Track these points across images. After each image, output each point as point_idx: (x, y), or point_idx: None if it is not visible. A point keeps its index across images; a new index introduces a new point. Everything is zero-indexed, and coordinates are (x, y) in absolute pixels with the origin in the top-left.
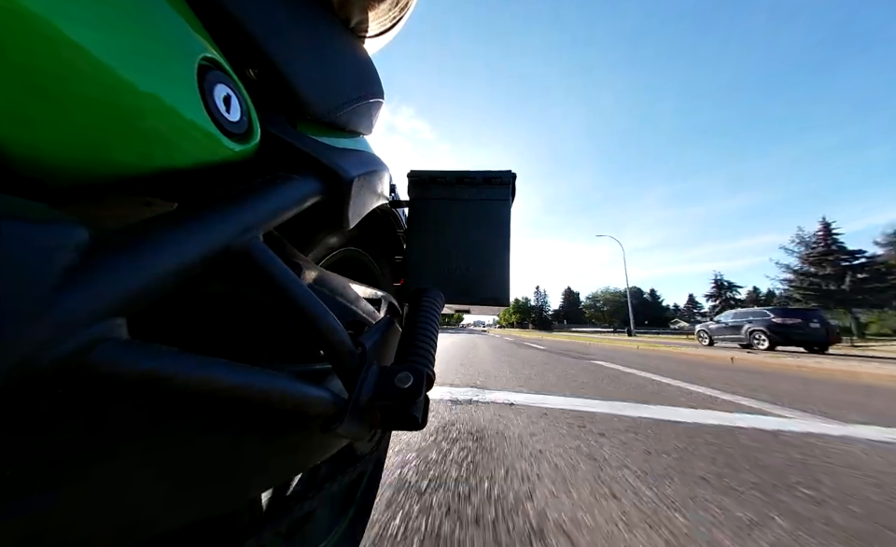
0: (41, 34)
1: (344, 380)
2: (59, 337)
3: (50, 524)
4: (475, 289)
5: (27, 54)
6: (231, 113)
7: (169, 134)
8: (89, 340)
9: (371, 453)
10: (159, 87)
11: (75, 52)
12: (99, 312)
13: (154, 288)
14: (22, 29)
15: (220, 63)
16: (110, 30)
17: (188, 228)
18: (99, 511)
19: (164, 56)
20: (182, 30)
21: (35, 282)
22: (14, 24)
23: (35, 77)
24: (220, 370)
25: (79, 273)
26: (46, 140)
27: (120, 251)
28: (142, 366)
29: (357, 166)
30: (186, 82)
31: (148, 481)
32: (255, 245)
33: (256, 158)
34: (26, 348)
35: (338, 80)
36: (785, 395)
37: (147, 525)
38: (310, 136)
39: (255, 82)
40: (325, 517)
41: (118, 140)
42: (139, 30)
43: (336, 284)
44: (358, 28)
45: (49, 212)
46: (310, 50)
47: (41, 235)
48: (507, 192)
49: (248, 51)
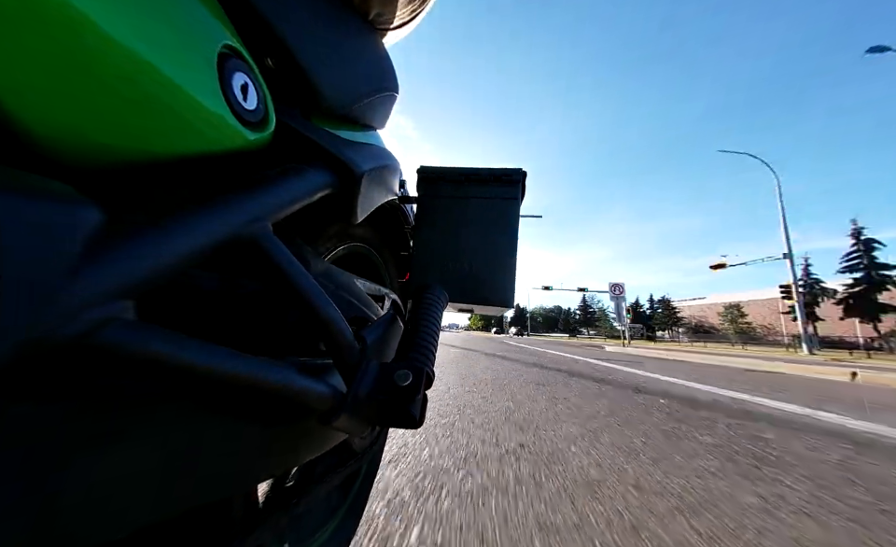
0: (64, 16)
1: (344, 374)
2: (70, 315)
3: (59, 499)
4: (479, 290)
5: (50, 36)
6: (248, 101)
7: (186, 118)
8: (99, 319)
9: (367, 449)
10: (179, 72)
11: (96, 36)
12: (109, 293)
13: (164, 272)
14: (45, 12)
15: (240, 52)
16: (133, 14)
17: (199, 214)
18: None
19: (185, 42)
20: (204, 18)
21: (50, 260)
22: (38, 8)
23: (58, 60)
24: (223, 357)
25: (92, 254)
26: (67, 122)
27: (132, 234)
28: (149, 348)
29: (368, 160)
30: (206, 69)
31: (150, 462)
32: (264, 234)
33: (270, 147)
34: (38, 326)
35: (354, 74)
36: None
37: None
38: (324, 128)
39: (273, 73)
40: (319, 512)
41: (136, 123)
42: (161, 16)
43: (341, 278)
44: (377, 20)
45: (66, 191)
46: (328, 43)
47: (57, 213)
48: (516, 191)
49: (268, 41)
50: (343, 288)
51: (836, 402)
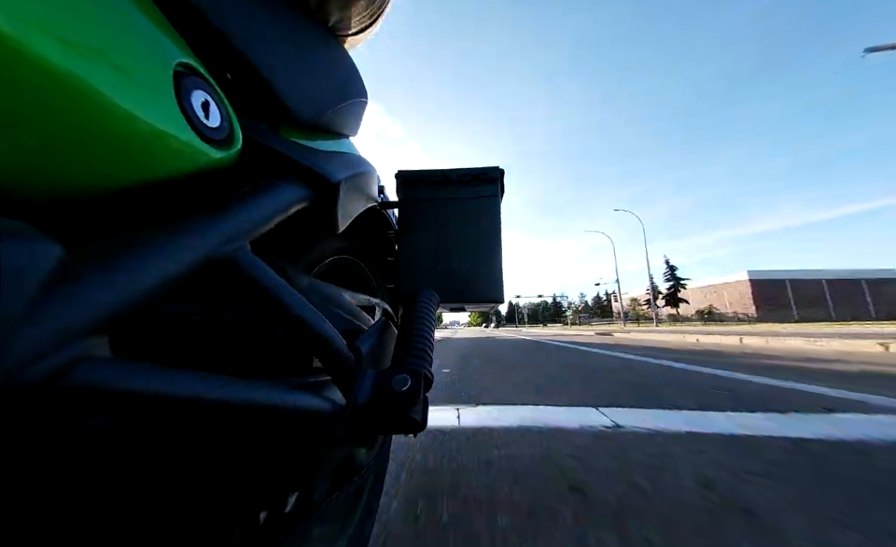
0: (7, 46)
1: (341, 386)
2: (34, 357)
3: (35, 538)
4: (469, 288)
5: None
6: (210, 119)
7: (146, 143)
8: (67, 359)
9: (372, 460)
10: (133, 95)
11: (43, 65)
12: (77, 330)
13: (136, 303)
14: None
15: (197, 69)
16: (79, 38)
17: (170, 239)
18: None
19: (137, 63)
20: (154, 36)
21: (10, 301)
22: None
23: (3, 92)
24: (212, 385)
25: (56, 291)
26: (18, 153)
27: (99, 267)
28: (127, 385)
29: (342, 169)
30: (161, 88)
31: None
32: (242, 254)
33: (239, 165)
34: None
35: (319, 82)
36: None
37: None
38: (294, 140)
39: (235, 88)
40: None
41: (93, 152)
42: (110, 38)
43: (328, 291)
44: (337, 27)
45: (24, 228)
46: (289, 53)
47: (16, 253)
48: (495, 188)
49: (226, 55)
50: (330, 302)
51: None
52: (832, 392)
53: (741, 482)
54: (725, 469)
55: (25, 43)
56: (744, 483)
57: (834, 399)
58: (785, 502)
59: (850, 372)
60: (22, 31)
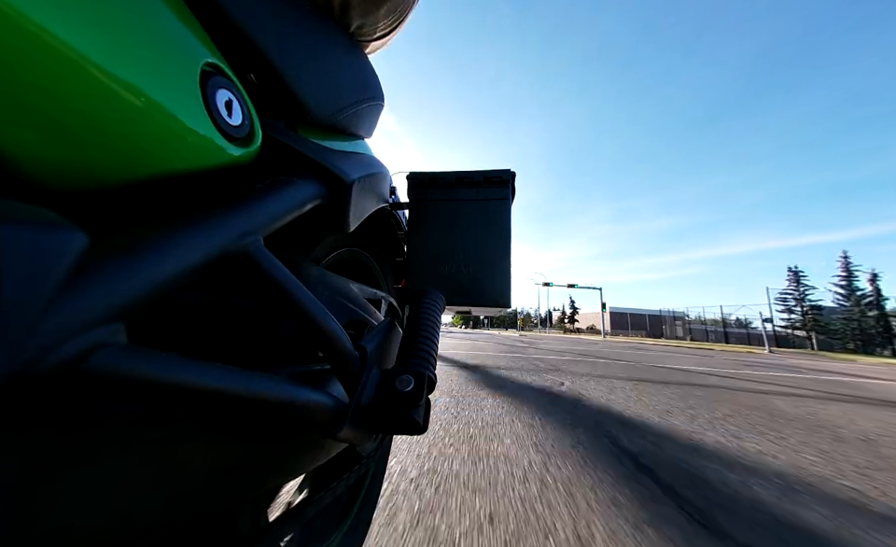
0: (42, 40)
1: (345, 383)
2: (57, 342)
3: (49, 523)
4: (475, 291)
5: (28, 60)
6: (232, 117)
7: (171, 139)
8: (87, 345)
9: (372, 456)
10: (161, 92)
11: (76, 58)
12: (97, 317)
13: (153, 293)
14: (23, 35)
15: (222, 69)
16: (112, 36)
17: (188, 232)
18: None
19: (167, 61)
20: (184, 36)
21: (34, 287)
22: (14, 30)
23: (38, 82)
24: (220, 375)
25: (78, 279)
26: (49, 145)
27: (120, 256)
28: (142, 371)
29: (357, 169)
30: (188, 87)
31: (146, 485)
32: (255, 248)
33: (257, 162)
34: (24, 354)
35: (338, 84)
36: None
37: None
38: (311, 140)
39: (256, 87)
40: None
41: (120, 145)
42: (142, 36)
43: (337, 283)
44: (358, 33)
45: (50, 216)
46: (311, 55)
47: (41, 240)
48: (506, 191)
49: (250, 57)
50: (338, 293)
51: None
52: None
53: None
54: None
55: (60, 38)
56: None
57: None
58: (571, 364)
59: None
60: (56, 26)
